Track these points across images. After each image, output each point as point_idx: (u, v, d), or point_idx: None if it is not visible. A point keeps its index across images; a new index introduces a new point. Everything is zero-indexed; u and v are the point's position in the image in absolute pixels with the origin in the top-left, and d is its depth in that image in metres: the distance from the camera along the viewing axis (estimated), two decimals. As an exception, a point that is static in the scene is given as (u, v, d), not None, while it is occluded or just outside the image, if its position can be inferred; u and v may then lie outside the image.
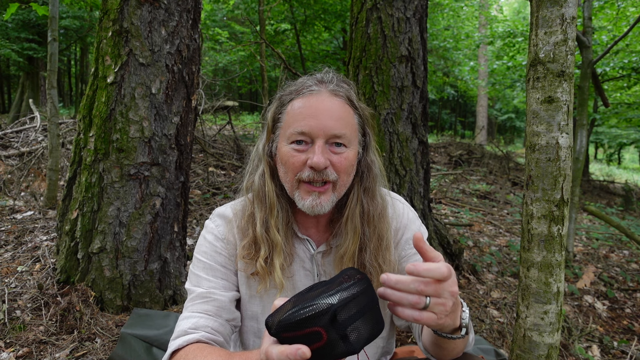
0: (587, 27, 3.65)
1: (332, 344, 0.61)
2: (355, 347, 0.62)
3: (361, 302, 0.65)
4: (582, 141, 3.64)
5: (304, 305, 0.63)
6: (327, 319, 0.61)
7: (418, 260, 1.12)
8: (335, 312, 0.62)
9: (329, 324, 0.61)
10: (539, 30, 1.17)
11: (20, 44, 11.07)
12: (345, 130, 0.96)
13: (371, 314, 0.66)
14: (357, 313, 0.64)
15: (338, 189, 0.98)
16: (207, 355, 0.87)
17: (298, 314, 0.62)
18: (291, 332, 0.62)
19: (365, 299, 0.66)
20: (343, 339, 0.62)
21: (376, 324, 0.66)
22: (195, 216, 3.91)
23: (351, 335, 0.62)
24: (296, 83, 1.04)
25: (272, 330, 0.64)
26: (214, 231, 1.07)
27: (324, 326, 0.61)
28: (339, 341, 0.62)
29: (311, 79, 1.02)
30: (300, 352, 0.60)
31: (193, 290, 1.03)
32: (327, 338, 0.61)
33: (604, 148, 27.10)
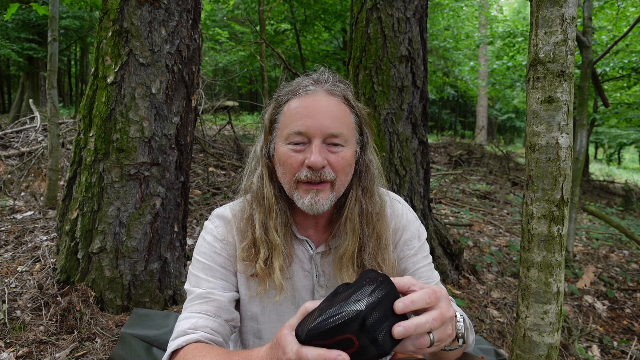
0: (587, 27, 3.65)
1: (364, 348, 0.63)
2: (386, 348, 0.63)
3: (386, 305, 0.66)
4: (582, 141, 3.64)
5: (333, 314, 0.63)
6: (357, 326, 0.62)
7: (416, 262, 1.13)
8: (364, 318, 0.62)
9: (359, 330, 0.62)
10: (539, 30, 1.17)
11: (20, 44, 11.07)
12: (342, 130, 0.96)
13: (396, 315, 0.67)
14: (384, 316, 0.64)
15: (336, 188, 0.97)
16: (205, 355, 0.87)
17: (327, 322, 0.63)
18: (322, 341, 0.63)
19: (389, 300, 0.67)
20: (373, 342, 0.63)
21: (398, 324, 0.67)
22: (195, 216, 3.91)
23: (380, 337, 0.63)
24: (292, 84, 1.03)
25: (301, 338, 0.65)
26: (213, 232, 1.07)
27: (354, 332, 0.62)
28: (370, 345, 0.63)
29: (307, 79, 1.02)
30: (341, 358, 0.61)
31: (192, 291, 1.03)
32: (358, 344, 0.62)
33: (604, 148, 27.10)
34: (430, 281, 1.13)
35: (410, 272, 1.12)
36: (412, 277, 0.74)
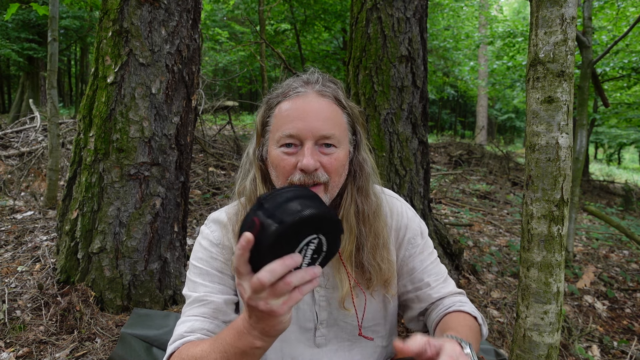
0: (587, 27, 3.65)
1: (264, 226, 0.66)
2: (285, 219, 0.65)
3: (287, 195, 0.71)
4: (582, 141, 3.64)
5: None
6: (255, 207, 0.70)
7: (424, 260, 1.13)
8: (261, 200, 0.70)
9: (259, 210, 0.69)
10: (539, 30, 1.17)
11: (20, 44, 11.06)
12: (334, 131, 0.96)
13: (305, 200, 0.70)
14: (287, 199, 0.69)
15: (330, 190, 0.97)
16: (198, 345, 0.89)
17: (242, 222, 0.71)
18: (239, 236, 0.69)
19: (296, 192, 0.72)
20: (271, 217, 0.66)
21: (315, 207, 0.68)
22: (195, 216, 3.91)
23: (278, 213, 0.67)
24: (282, 85, 1.03)
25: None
26: (209, 237, 1.07)
27: (254, 213, 0.69)
28: (267, 220, 0.66)
29: (297, 81, 1.01)
30: (242, 237, 0.65)
31: (190, 296, 1.04)
32: (259, 222, 0.67)
33: (604, 148, 27.10)
34: (439, 277, 1.14)
35: (418, 271, 1.12)
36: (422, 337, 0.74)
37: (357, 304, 1.07)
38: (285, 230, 0.65)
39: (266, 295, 0.67)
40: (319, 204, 0.70)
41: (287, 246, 0.67)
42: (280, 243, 0.65)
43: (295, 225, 0.65)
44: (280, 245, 0.66)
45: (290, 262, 0.66)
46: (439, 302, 1.12)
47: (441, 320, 1.07)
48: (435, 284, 1.12)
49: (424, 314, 1.16)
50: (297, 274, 0.67)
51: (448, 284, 1.15)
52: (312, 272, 0.68)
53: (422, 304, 1.14)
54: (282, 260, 0.65)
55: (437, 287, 1.12)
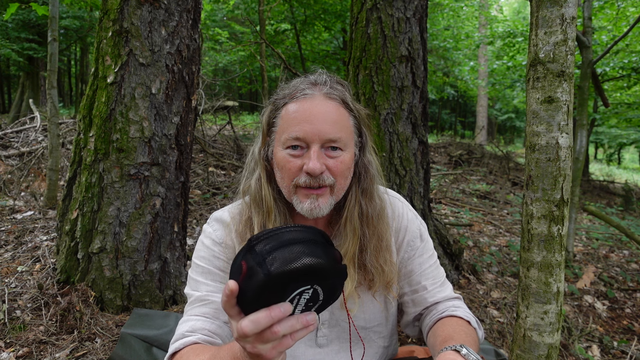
0: (587, 27, 3.65)
1: (251, 271, 0.61)
2: (271, 269, 0.60)
3: (283, 237, 0.64)
4: (582, 141, 3.64)
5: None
6: (245, 250, 0.64)
7: (422, 263, 1.13)
8: (251, 243, 0.64)
9: (248, 254, 0.63)
10: (539, 30, 1.17)
11: (20, 44, 11.06)
12: (341, 134, 0.95)
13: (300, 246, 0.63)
14: (279, 245, 0.63)
15: (336, 192, 0.97)
16: (199, 354, 0.88)
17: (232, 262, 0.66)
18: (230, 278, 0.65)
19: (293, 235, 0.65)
20: (260, 265, 0.61)
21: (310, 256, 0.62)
22: (195, 216, 3.91)
23: (268, 261, 0.61)
24: (289, 86, 1.02)
25: None
26: (212, 235, 1.07)
27: (243, 258, 0.64)
28: (255, 267, 0.61)
29: (304, 82, 1.01)
30: (227, 285, 0.62)
31: (191, 295, 1.03)
32: (246, 267, 0.62)
33: (604, 148, 27.09)
34: (436, 281, 1.14)
35: (417, 274, 1.12)
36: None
37: (357, 306, 1.07)
38: (272, 282, 0.60)
39: (252, 341, 0.64)
40: (317, 250, 0.63)
41: (275, 296, 0.62)
42: (266, 294, 0.61)
43: (285, 277, 0.60)
44: (267, 295, 0.61)
45: (278, 313, 0.61)
46: (433, 307, 1.12)
47: (434, 325, 1.07)
48: (432, 288, 1.12)
49: (418, 319, 1.16)
50: (286, 322, 0.63)
51: (445, 288, 1.15)
52: (304, 321, 0.64)
53: (417, 307, 1.14)
54: (269, 311, 0.61)
55: (434, 290, 1.12)
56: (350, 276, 1.02)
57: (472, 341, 0.97)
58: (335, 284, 0.66)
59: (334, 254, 0.66)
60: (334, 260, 0.65)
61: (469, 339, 0.96)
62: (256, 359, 0.67)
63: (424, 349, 1.32)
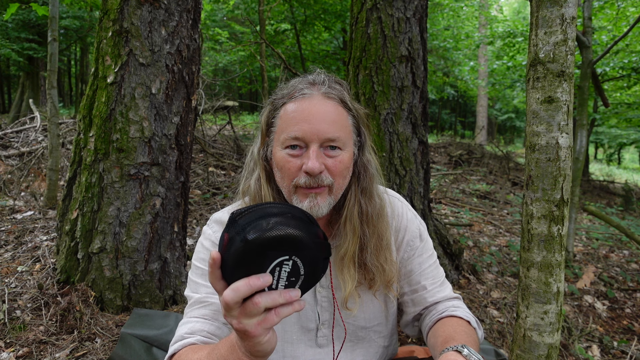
0: (587, 27, 3.65)
1: (231, 241, 0.64)
2: (247, 236, 0.62)
3: (264, 211, 0.66)
4: (582, 141, 3.64)
5: None
6: (228, 224, 0.66)
7: (422, 262, 1.13)
8: (235, 216, 0.66)
9: (230, 227, 0.66)
10: (539, 30, 1.17)
11: (20, 44, 11.06)
12: (340, 133, 0.96)
13: (280, 218, 0.65)
14: (259, 217, 0.65)
15: (334, 192, 0.97)
16: (197, 351, 0.88)
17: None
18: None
19: (274, 209, 0.67)
20: (238, 234, 0.63)
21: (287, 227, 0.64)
22: (195, 216, 3.91)
23: (247, 230, 0.63)
24: (288, 86, 1.03)
25: None
26: (211, 237, 1.07)
27: (226, 229, 0.66)
28: (236, 237, 0.63)
29: (303, 82, 1.01)
30: (211, 258, 0.64)
31: (191, 297, 1.04)
32: (227, 238, 0.65)
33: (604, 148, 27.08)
34: (436, 280, 1.14)
35: (416, 273, 1.12)
36: None
37: (358, 305, 1.07)
38: (248, 249, 0.61)
39: (237, 314, 0.65)
40: (296, 223, 0.65)
41: (254, 265, 0.63)
42: (245, 261, 0.62)
43: (261, 244, 0.61)
44: (245, 263, 0.62)
45: (256, 282, 0.62)
46: (433, 307, 1.12)
47: (434, 325, 1.07)
48: (431, 287, 1.12)
49: (418, 319, 1.17)
50: (267, 295, 0.64)
51: (444, 288, 1.15)
52: (287, 296, 0.65)
53: (416, 307, 1.14)
54: (247, 279, 0.63)
55: (433, 290, 1.12)
56: (350, 275, 1.02)
57: (473, 341, 0.97)
58: (316, 259, 0.67)
59: (315, 230, 0.68)
60: (313, 234, 0.66)
61: (469, 339, 0.96)
62: (244, 339, 0.69)
63: (424, 349, 1.32)
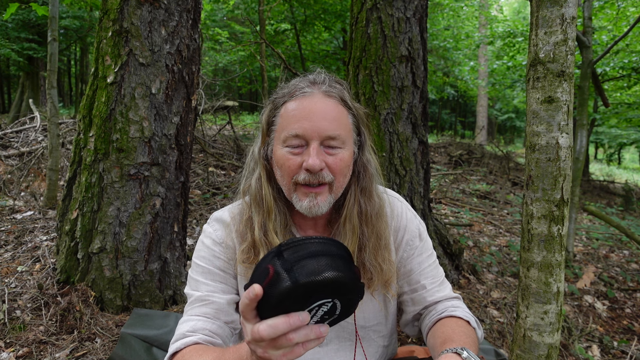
0: (587, 27, 3.65)
1: (277, 278, 0.62)
2: (298, 277, 0.61)
3: (311, 248, 0.65)
4: (582, 141, 3.64)
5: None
6: (273, 255, 0.65)
7: (421, 262, 1.13)
8: (281, 249, 0.65)
9: (276, 259, 0.64)
10: (539, 30, 1.17)
11: (20, 44, 11.06)
12: (340, 131, 0.96)
13: (330, 260, 0.65)
14: (307, 254, 0.64)
15: (334, 190, 0.98)
16: (202, 354, 0.88)
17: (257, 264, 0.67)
18: (251, 280, 0.66)
19: (324, 247, 0.66)
20: (288, 272, 0.62)
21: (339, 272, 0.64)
22: (195, 216, 3.91)
23: (296, 269, 0.62)
24: (289, 85, 1.03)
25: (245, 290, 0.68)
26: (212, 235, 1.07)
27: (271, 262, 0.64)
28: (283, 274, 0.62)
29: (304, 81, 1.02)
30: (251, 288, 0.62)
31: (192, 295, 1.03)
32: (272, 272, 0.63)
33: (604, 148, 27.08)
34: (435, 280, 1.14)
35: (415, 273, 1.12)
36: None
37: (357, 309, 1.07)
38: (298, 290, 0.61)
39: (265, 346, 0.65)
40: (342, 265, 0.65)
41: (296, 304, 0.63)
42: (289, 301, 0.62)
43: (310, 287, 0.62)
44: (289, 302, 0.62)
45: (296, 321, 0.62)
46: (432, 307, 1.12)
47: (434, 325, 1.07)
48: (431, 287, 1.12)
49: (418, 318, 1.17)
50: (301, 331, 0.64)
51: (444, 287, 1.15)
52: (318, 332, 0.65)
53: (416, 307, 1.14)
54: (287, 318, 0.62)
55: (433, 289, 1.12)
56: None
57: (472, 342, 0.97)
58: (353, 301, 0.68)
59: (355, 271, 0.68)
60: (355, 277, 0.67)
61: (468, 340, 0.96)
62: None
63: (424, 349, 1.32)
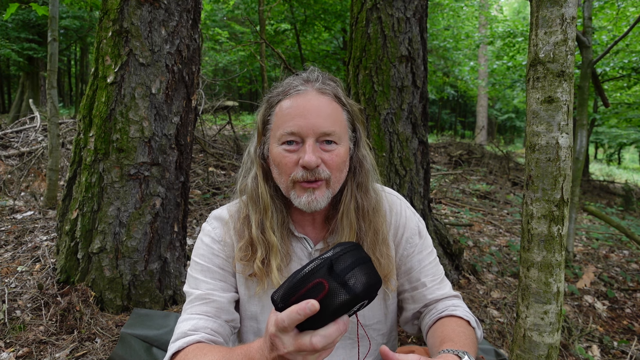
0: (587, 27, 3.65)
1: (334, 291, 0.64)
2: (356, 290, 0.64)
3: (355, 255, 0.68)
4: (582, 141, 3.64)
5: (303, 268, 0.67)
6: (325, 269, 0.65)
7: (422, 260, 1.13)
8: (331, 262, 0.66)
9: (328, 274, 0.65)
10: (539, 30, 1.17)
11: (20, 44, 11.05)
12: (335, 128, 0.97)
13: (367, 266, 0.69)
14: (353, 263, 0.67)
15: (332, 185, 0.98)
16: (207, 353, 0.87)
17: (299, 274, 0.66)
18: (296, 293, 0.65)
19: (358, 254, 0.69)
20: (343, 285, 0.64)
21: (374, 276, 0.69)
22: (195, 216, 3.91)
23: (350, 281, 0.65)
24: (283, 84, 1.04)
25: (278, 300, 0.67)
26: (211, 233, 1.08)
27: (323, 276, 0.65)
28: (339, 288, 0.64)
29: (297, 79, 1.03)
30: (309, 304, 0.62)
31: (191, 293, 1.03)
32: (328, 287, 0.64)
33: (604, 148, 27.08)
34: (436, 278, 1.14)
35: (416, 270, 1.13)
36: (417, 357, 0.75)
37: None
38: (354, 301, 0.65)
39: (307, 354, 0.66)
40: (374, 269, 0.71)
41: (345, 311, 0.66)
42: (342, 311, 0.65)
43: (364, 296, 0.66)
44: (342, 312, 0.65)
45: (344, 327, 0.65)
46: (433, 305, 1.12)
47: (434, 324, 1.07)
48: (431, 285, 1.12)
49: (418, 317, 1.17)
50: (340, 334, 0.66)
51: (444, 285, 1.15)
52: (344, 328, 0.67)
53: (416, 304, 1.14)
54: (337, 325, 0.65)
55: (433, 287, 1.12)
56: None
57: (471, 343, 0.97)
58: (374, 298, 0.72)
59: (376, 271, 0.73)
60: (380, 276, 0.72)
61: (468, 342, 0.96)
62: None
63: (424, 349, 1.32)
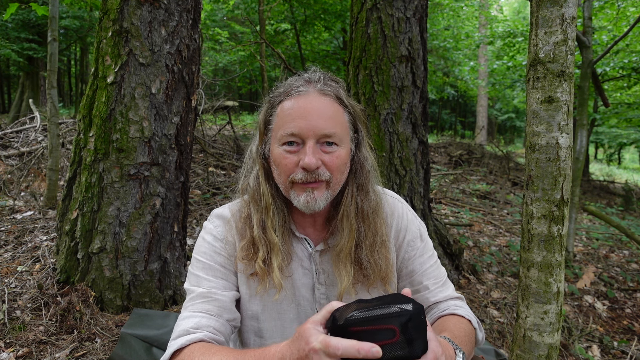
0: (587, 27, 3.65)
1: (400, 344, 0.65)
2: (416, 352, 0.65)
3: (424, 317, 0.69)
4: (582, 141, 3.64)
5: (380, 306, 0.66)
6: (404, 320, 0.65)
7: (423, 262, 1.13)
8: (410, 317, 0.66)
9: (405, 326, 0.65)
10: (539, 30, 1.17)
11: (20, 44, 11.06)
12: (336, 129, 0.96)
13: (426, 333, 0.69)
14: (422, 324, 0.68)
15: (332, 186, 0.98)
16: (215, 353, 0.86)
17: (376, 310, 0.65)
18: (363, 327, 0.65)
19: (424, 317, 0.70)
20: (409, 342, 0.65)
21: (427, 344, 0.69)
22: (195, 216, 3.91)
23: (416, 342, 0.66)
24: (284, 84, 1.04)
25: (339, 322, 0.67)
26: (213, 232, 1.07)
27: (399, 326, 0.65)
28: (405, 344, 0.65)
29: (299, 80, 1.02)
30: (374, 350, 0.62)
31: (193, 290, 1.03)
32: (399, 337, 0.64)
33: (604, 148, 27.08)
34: (438, 280, 1.14)
35: (418, 273, 1.12)
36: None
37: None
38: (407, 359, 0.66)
39: None
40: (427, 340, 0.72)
41: None
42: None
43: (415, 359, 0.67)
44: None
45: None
46: (435, 305, 1.12)
47: (435, 322, 1.07)
48: (433, 287, 1.12)
49: None
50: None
51: (446, 287, 1.15)
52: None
53: None
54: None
55: (435, 290, 1.12)
56: (346, 272, 1.02)
57: (469, 340, 0.97)
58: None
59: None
60: None
61: (466, 339, 0.96)
62: None
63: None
